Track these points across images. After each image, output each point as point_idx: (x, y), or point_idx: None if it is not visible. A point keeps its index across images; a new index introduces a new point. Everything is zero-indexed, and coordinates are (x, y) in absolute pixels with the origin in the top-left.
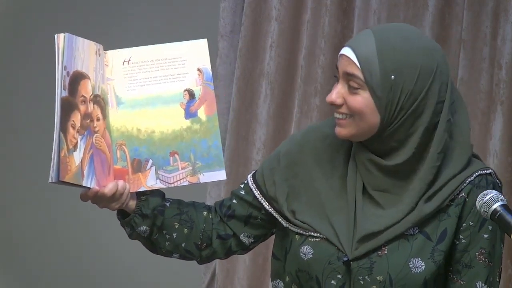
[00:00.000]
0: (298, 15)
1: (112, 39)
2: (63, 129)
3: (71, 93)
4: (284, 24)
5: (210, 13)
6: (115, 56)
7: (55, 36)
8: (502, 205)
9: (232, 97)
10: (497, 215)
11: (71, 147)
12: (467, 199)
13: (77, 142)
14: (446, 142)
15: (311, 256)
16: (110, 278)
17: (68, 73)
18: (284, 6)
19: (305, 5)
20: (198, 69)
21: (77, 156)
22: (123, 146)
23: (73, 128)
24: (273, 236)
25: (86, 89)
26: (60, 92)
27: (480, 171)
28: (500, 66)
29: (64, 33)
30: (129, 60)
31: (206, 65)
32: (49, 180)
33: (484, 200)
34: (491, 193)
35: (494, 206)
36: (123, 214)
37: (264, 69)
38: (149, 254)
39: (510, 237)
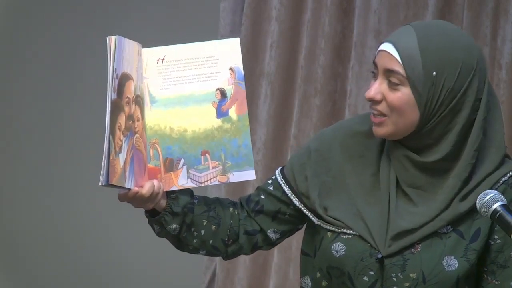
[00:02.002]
0: (298, 15)
1: None
2: (112, 132)
3: (119, 95)
4: (284, 24)
5: (210, 13)
6: (149, 54)
7: (107, 38)
8: (502, 205)
9: None
10: (497, 215)
11: (117, 149)
12: None
13: (122, 144)
14: (481, 140)
15: (343, 253)
16: (110, 278)
17: (117, 75)
18: (284, 6)
19: (305, 5)
20: (230, 68)
21: (122, 158)
22: (156, 145)
23: (119, 130)
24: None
25: (130, 90)
26: (110, 95)
27: None
28: (500, 66)
29: (115, 35)
30: (163, 59)
31: (238, 64)
32: (100, 184)
33: (484, 200)
34: (491, 193)
35: (494, 206)
36: (151, 212)
37: (264, 69)
38: (149, 254)
39: (510, 237)
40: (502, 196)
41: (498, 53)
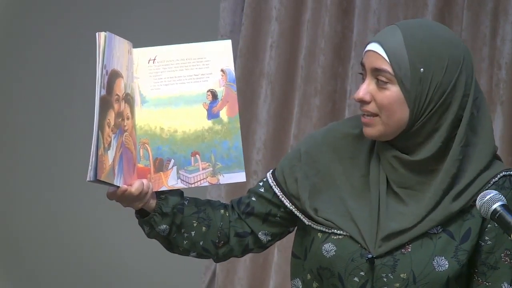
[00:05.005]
0: (298, 15)
1: None
2: (101, 127)
3: (108, 91)
4: (284, 24)
5: (210, 13)
6: (140, 54)
7: (97, 34)
8: (502, 205)
9: None
10: (497, 215)
11: (106, 145)
12: None
13: (111, 140)
14: (469, 136)
15: (334, 253)
16: (110, 278)
17: (107, 71)
18: (284, 6)
19: (305, 5)
20: (222, 70)
21: (111, 154)
22: (146, 145)
23: (108, 126)
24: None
25: (120, 87)
26: (99, 91)
27: (504, 172)
28: (499, 66)
29: (105, 31)
30: (154, 59)
31: (230, 66)
32: (87, 179)
33: (484, 200)
34: (491, 193)
35: (494, 206)
36: (141, 213)
37: (264, 69)
38: (149, 254)
39: (510, 237)
40: (502, 196)
41: (498, 53)
